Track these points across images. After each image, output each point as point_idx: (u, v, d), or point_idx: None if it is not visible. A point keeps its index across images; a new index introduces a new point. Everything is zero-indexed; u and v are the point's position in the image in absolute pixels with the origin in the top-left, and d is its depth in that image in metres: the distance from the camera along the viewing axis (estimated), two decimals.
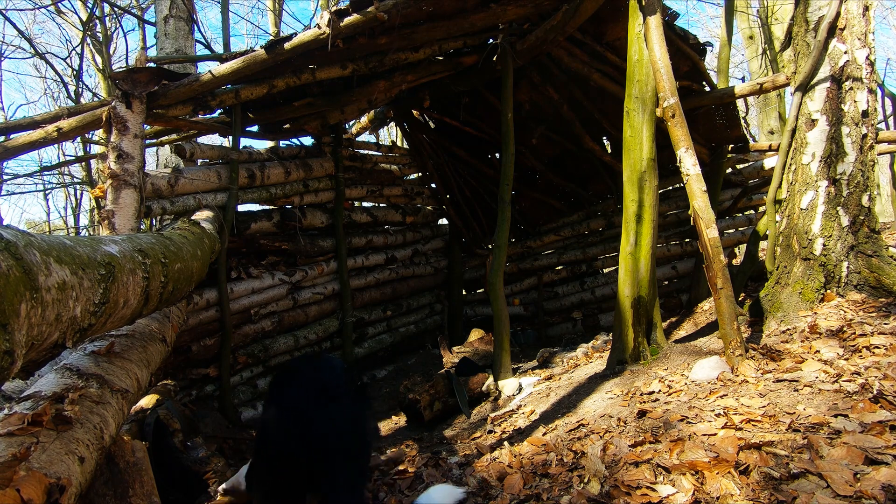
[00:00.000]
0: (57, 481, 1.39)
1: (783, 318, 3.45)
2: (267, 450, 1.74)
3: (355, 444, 1.75)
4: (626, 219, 3.65)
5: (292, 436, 1.66)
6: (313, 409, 1.68)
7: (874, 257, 3.35)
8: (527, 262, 7.00)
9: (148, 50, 10.89)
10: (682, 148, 3.27)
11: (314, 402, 1.71)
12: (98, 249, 1.69)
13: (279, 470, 1.70)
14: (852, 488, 1.52)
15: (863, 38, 3.55)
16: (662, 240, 6.18)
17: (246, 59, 3.83)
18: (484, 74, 5.23)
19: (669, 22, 4.52)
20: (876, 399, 2.01)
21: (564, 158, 6.63)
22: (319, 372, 1.79)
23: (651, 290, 3.63)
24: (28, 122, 4.29)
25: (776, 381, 2.54)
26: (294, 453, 1.64)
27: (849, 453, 1.68)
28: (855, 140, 3.51)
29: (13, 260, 1.15)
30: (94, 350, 2.23)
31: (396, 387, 5.01)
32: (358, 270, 5.99)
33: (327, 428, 1.65)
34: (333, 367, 1.82)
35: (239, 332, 4.74)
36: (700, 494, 1.70)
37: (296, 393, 1.75)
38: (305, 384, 1.76)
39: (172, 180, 4.08)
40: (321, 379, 1.79)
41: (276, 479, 1.71)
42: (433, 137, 6.78)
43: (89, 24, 11.39)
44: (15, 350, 1.13)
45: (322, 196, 5.55)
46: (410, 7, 3.85)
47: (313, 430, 1.64)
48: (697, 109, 5.21)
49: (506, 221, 4.56)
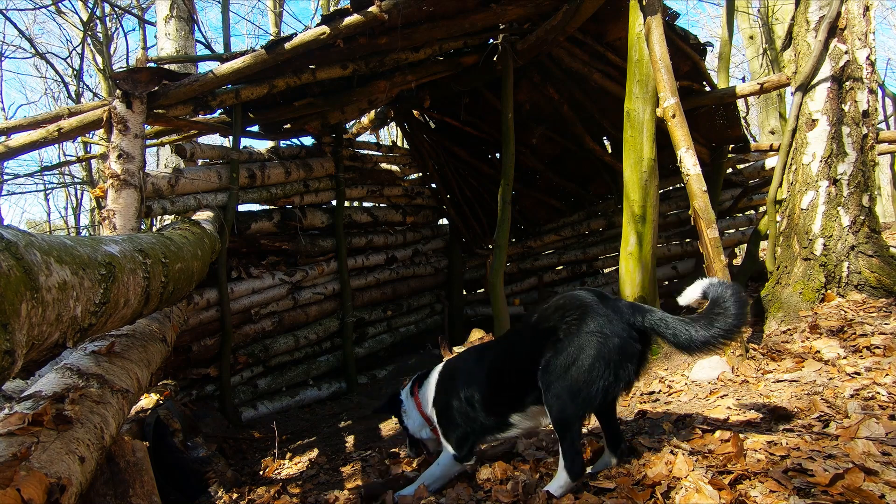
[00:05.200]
0: (57, 481, 1.39)
1: (784, 318, 3.45)
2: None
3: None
4: (627, 219, 3.65)
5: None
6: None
7: (875, 257, 3.35)
8: (527, 262, 7.00)
9: (148, 50, 10.91)
10: (682, 148, 3.27)
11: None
12: (99, 249, 1.69)
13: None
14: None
15: (863, 38, 3.55)
16: (663, 240, 6.18)
17: (246, 59, 3.83)
18: (484, 74, 5.23)
19: (670, 22, 4.52)
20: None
21: (565, 158, 6.63)
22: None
23: (652, 291, 3.62)
24: (29, 122, 4.29)
25: (776, 381, 2.54)
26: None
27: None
28: (855, 140, 3.51)
29: (14, 260, 1.15)
30: (94, 350, 2.23)
31: (397, 387, 5.00)
32: (358, 270, 5.99)
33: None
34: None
35: (239, 331, 4.74)
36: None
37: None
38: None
39: (173, 180, 4.08)
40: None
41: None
42: (433, 137, 6.77)
43: (90, 24, 11.40)
44: (15, 350, 1.13)
45: (322, 196, 5.55)
46: (411, 7, 3.85)
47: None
48: (698, 109, 5.21)
49: (506, 221, 4.55)
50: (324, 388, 5.33)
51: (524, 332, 2.19)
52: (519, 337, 2.26)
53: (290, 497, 2.68)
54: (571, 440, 1.85)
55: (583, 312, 1.92)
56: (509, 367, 2.14)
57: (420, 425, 2.44)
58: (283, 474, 3.33)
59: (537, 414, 2.07)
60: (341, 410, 4.83)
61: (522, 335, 2.20)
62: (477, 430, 2.20)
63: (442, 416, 2.29)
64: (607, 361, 1.82)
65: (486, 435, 2.21)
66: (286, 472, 3.35)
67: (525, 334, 2.17)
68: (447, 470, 2.23)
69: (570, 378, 1.85)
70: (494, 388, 2.17)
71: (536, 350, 1.98)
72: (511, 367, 2.13)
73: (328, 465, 3.28)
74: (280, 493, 2.73)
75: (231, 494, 2.90)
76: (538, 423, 2.14)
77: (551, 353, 1.91)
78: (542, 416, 2.08)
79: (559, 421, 1.86)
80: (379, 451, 3.24)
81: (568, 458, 1.84)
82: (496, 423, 2.16)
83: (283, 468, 3.44)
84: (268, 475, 3.32)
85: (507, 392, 2.14)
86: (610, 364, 1.82)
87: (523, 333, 2.21)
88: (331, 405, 5.08)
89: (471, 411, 2.20)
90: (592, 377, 1.82)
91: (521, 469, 2.16)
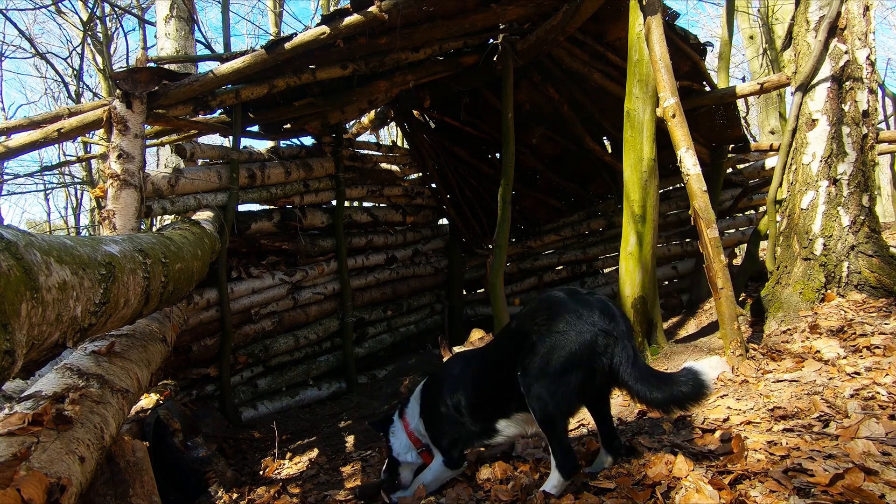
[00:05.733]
0: (57, 481, 1.39)
1: (784, 318, 3.45)
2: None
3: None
4: (627, 219, 3.65)
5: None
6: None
7: (875, 257, 3.35)
8: (527, 262, 7.00)
9: (148, 50, 10.91)
10: (682, 148, 3.27)
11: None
12: (99, 249, 1.69)
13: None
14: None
15: (863, 38, 3.55)
16: (663, 240, 6.18)
17: (246, 59, 3.83)
18: (484, 74, 5.23)
19: (670, 22, 4.52)
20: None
21: (565, 158, 6.63)
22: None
23: (651, 290, 3.63)
24: (29, 122, 4.29)
25: (776, 381, 2.54)
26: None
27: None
28: (855, 140, 3.51)
29: (14, 260, 1.15)
30: (94, 350, 2.23)
31: (397, 387, 5.01)
32: (358, 270, 5.99)
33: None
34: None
35: (239, 331, 4.74)
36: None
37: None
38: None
39: (173, 180, 4.09)
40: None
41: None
42: (434, 137, 6.77)
43: (90, 24, 11.40)
44: (15, 350, 1.13)
45: (322, 196, 5.55)
46: (411, 7, 3.85)
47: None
48: (698, 109, 5.21)
49: (506, 221, 4.55)
50: (324, 388, 5.33)
51: (504, 339, 2.23)
52: (500, 344, 2.29)
53: (290, 497, 2.69)
54: (558, 438, 1.87)
55: (552, 312, 1.94)
56: (493, 373, 2.16)
57: (406, 447, 2.40)
58: (283, 474, 3.33)
59: (523, 421, 2.09)
60: (341, 410, 4.83)
61: (503, 342, 2.24)
62: (464, 437, 2.22)
63: (430, 423, 2.31)
64: (579, 357, 1.84)
65: (474, 441, 2.22)
66: (286, 472, 3.35)
67: (505, 341, 2.20)
68: (438, 475, 2.25)
69: (547, 378, 1.87)
70: (479, 395, 2.19)
71: (515, 355, 2.00)
72: (494, 374, 2.15)
73: (328, 465, 3.28)
74: (280, 493, 2.74)
75: (231, 494, 2.90)
76: (524, 430, 2.15)
77: (527, 357, 1.93)
78: (527, 424, 2.10)
79: (543, 421, 1.88)
80: (379, 451, 3.24)
81: (558, 457, 1.86)
82: (482, 429, 2.18)
83: (283, 468, 3.44)
84: (268, 475, 3.32)
85: (491, 398, 2.15)
86: (583, 359, 1.84)
87: (503, 340, 2.24)
88: (331, 405, 5.08)
89: (458, 417, 2.21)
90: (566, 374, 1.85)
91: (520, 469, 2.16)
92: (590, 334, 1.85)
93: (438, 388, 2.33)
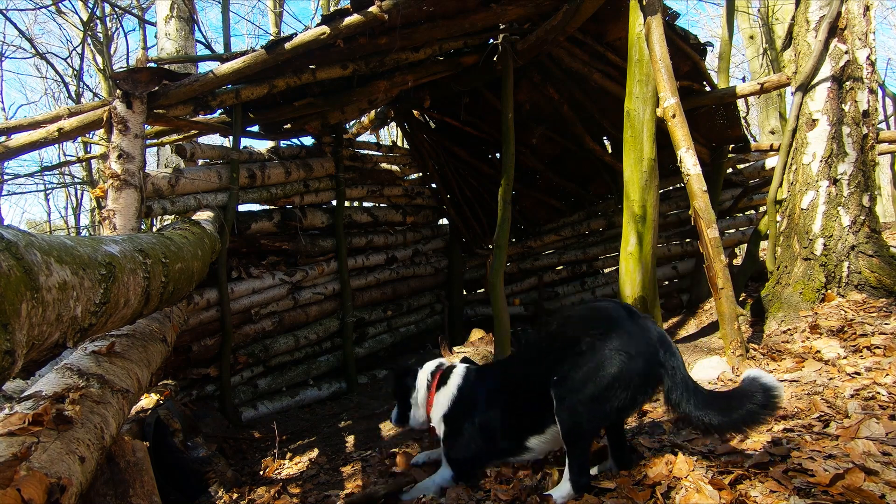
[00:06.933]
0: (58, 481, 1.39)
1: (784, 318, 3.45)
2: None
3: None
4: (627, 219, 3.64)
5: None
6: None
7: (875, 257, 3.35)
8: (527, 262, 7.00)
9: (148, 50, 10.91)
10: (682, 148, 3.27)
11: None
12: (99, 249, 1.69)
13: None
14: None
15: (864, 38, 3.55)
16: (663, 240, 6.18)
17: (246, 59, 3.83)
18: (484, 74, 5.23)
19: (670, 22, 4.52)
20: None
21: (565, 158, 6.63)
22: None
23: (652, 290, 3.62)
24: (29, 123, 4.29)
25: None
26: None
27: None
28: (856, 140, 3.51)
29: (14, 260, 1.15)
30: (94, 350, 2.23)
31: None
32: (358, 270, 5.99)
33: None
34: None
35: (239, 331, 4.74)
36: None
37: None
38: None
39: (173, 180, 4.08)
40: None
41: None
42: (434, 137, 6.77)
43: (90, 24, 11.40)
44: (16, 350, 1.13)
45: (322, 196, 5.55)
46: (411, 7, 3.85)
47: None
48: (698, 109, 5.21)
49: (506, 221, 4.55)
50: (324, 388, 5.33)
51: (543, 343, 2.11)
52: (538, 348, 2.15)
53: (291, 497, 2.69)
54: (581, 454, 1.81)
55: (609, 326, 1.84)
56: (528, 383, 2.04)
57: (421, 419, 2.36)
58: (283, 474, 3.33)
59: (558, 435, 1.93)
60: (341, 410, 4.83)
61: (541, 346, 2.11)
62: (485, 455, 2.13)
63: (450, 437, 2.21)
64: (627, 383, 1.75)
65: (496, 459, 2.13)
66: (286, 472, 3.35)
67: (544, 344, 2.08)
68: (442, 486, 2.17)
69: (587, 393, 1.78)
70: (513, 410, 2.08)
71: (555, 361, 1.90)
72: (530, 384, 2.03)
73: (328, 465, 3.28)
74: (280, 493, 2.74)
75: (231, 494, 2.90)
76: (556, 446, 2.05)
77: (570, 366, 1.84)
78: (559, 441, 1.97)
79: (570, 434, 1.81)
80: (379, 451, 3.24)
81: (574, 471, 1.80)
82: (510, 446, 2.08)
83: (284, 468, 3.44)
84: (268, 475, 3.32)
85: (525, 413, 2.05)
86: (630, 386, 1.75)
87: (542, 344, 2.11)
88: (331, 405, 5.08)
89: (483, 438, 2.11)
90: (609, 396, 1.76)
91: (520, 470, 2.16)
92: (645, 362, 1.76)
93: (473, 401, 2.19)
